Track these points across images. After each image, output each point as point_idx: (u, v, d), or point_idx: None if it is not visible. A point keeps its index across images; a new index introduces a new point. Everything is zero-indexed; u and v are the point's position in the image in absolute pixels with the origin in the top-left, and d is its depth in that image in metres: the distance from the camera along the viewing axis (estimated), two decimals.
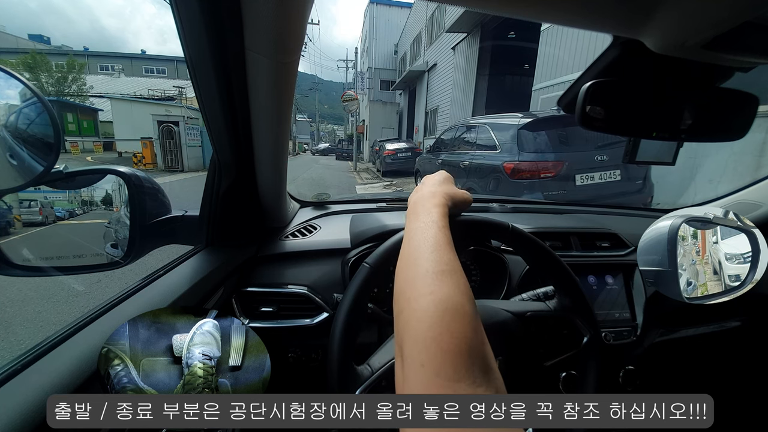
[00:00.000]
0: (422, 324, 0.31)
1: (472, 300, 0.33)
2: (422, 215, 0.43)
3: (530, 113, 3.57)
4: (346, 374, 0.46)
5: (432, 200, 0.46)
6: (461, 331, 0.30)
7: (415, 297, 0.33)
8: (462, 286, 0.34)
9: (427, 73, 14.59)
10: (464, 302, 0.32)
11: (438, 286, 0.33)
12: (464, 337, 0.29)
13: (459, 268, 0.36)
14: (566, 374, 0.61)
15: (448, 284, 0.33)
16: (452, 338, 0.29)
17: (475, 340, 0.30)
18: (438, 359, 0.28)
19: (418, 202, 0.47)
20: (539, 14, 0.32)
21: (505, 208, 1.10)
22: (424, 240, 0.39)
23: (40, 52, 20.56)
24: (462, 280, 0.35)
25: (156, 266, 0.64)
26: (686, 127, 0.38)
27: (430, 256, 0.37)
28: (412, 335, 0.31)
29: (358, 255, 0.76)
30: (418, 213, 0.44)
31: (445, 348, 0.28)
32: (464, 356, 0.28)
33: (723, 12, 0.26)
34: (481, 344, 0.30)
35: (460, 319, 0.31)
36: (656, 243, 0.77)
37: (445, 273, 0.35)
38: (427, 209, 0.44)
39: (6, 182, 0.48)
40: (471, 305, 0.33)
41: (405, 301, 0.34)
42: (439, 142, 5.05)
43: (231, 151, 0.61)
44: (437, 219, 0.42)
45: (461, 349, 0.28)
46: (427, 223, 0.41)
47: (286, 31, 0.42)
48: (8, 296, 2.38)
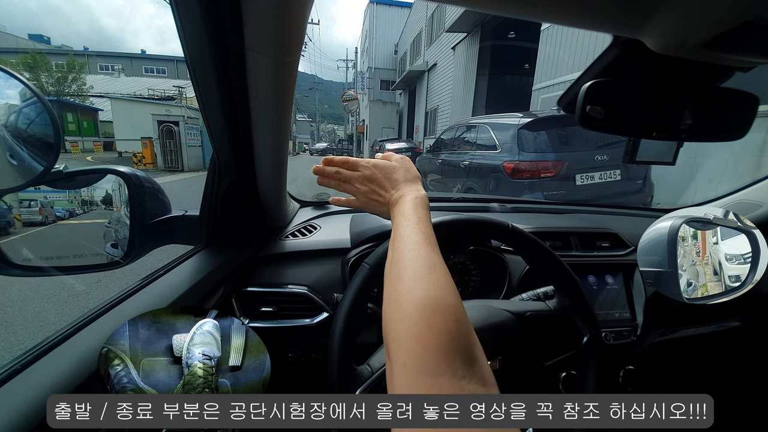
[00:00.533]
0: (403, 324, 0.31)
1: (453, 291, 0.34)
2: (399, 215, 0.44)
3: (530, 113, 3.56)
4: (346, 374, 0.46)
5: (409, 195, 0.47)
6: (443, 326, 0.30)
7: (395, 297, 0.34)
8: (442, 280, 0.34)
9: (427, 73, 14.59)
10: (444, 295, 0.32)
11: (417, 283, 0.34)
12: (446, 331, 0.29)
13: (438, 262, 0.36)
14: (566, 374, 0.61)
15: (428, 280, 0.34)
16: (433, 334, 0.29)
17: (458, 331, 0.30)
18: (419, 358, 0.28)
19: (397, 200, 0.47)
20: (539, 14, 0.32)
21: (505, 208, 1.11)
22: (402, 239, 0.39)
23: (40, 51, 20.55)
24: (442, 274, 0.35)
25: (156, 266, 0.64)
26: (686, 127, 0.38)
27: (409, 254, 0.37)
28: (394, 336, 0.31)
29: (358, 255, 0.76)
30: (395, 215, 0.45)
31: (426, 345, 0.29)
32: (445, 351, 0.28)
33: (723, 12, 0.26)
34: (465, 334, 0.30)
35: (441, 313, 0.31)
36: (656, 243, 0.77)
37: (422, 269, 0.35)
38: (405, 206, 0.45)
39: (6, 182, 0.48)
40: (452, 297, 0.33)
41: (387, 302, 0.35)
42: (439, 142, 5.05)
43: (231, 151, 0.61)
44: (412, 215, 0.43)
45: (442, 344, 0.29)
46: (403, 222, 0.42)
47: (286, 31, 0.42)
48: (8, 296, 2.37)
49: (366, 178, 0.52)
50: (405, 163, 0.54)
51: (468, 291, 0.82)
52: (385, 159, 0.54)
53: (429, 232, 0.41)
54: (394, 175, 0.51)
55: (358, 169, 0.53)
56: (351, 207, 0.56)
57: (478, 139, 3.78)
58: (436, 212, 0.52)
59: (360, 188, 0.53)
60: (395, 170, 0.52)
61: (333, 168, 0.54)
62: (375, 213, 0.53)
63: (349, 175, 0.53)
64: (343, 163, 0.54)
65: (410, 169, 0.53)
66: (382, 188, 0.51)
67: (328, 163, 0.55)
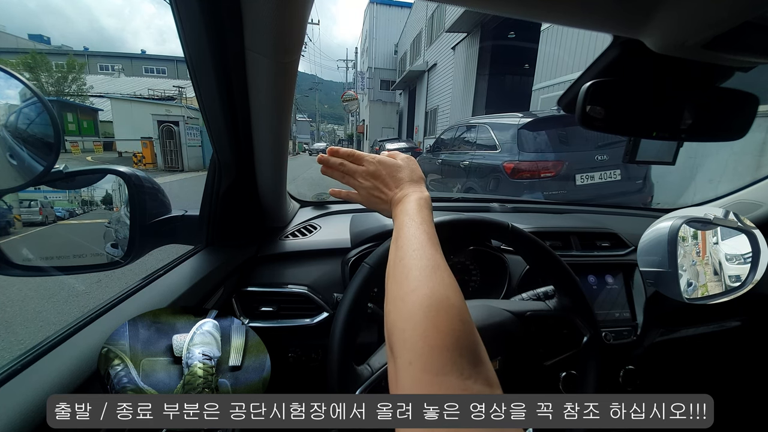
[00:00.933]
0: (408, 323, 0.31)
1: (457, 292, 0.34)
2: (402, 215, 0.44)
3: (530, 113, 3.56)
4: (346, 374, 0.46)
5: (413, 195, 0.46)
6: (448, 325, 0.30)
7: (400, 296, 0.34)
8: (446, 279, 0.34)
9: (427, 73, 14.59)
10: (450, 295, 0.32)
11: (422, 282, 0.33)
12: (451, 330, 0.29)
13: (442, 263, 0.36)
14: (566, 374, 0.61)
15: (433, 279, 0.34)
16: (438, 333, 0.29)
17: (463, 332, 0.30)
18: (425, 355, 0.28)
19: (401, 200, 0.47)
20: (539, 14, 0.32)
21: (505, 208, 1.11)
22: (406, 239, 0.39)
23: (40, 52, 20.55)
24: (446, 274, 0.35)
25: (156, 266, 0.64)
26: (686, 127, 0.38)
27: (413, 254, 0.37)
28: (399, 336, 0.31)
29: (358, 255, 0.76)
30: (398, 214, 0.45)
31: (432, 344, 0.29)
32: (451, 350, 0.28)
33: (723, 12, 0.26)
34: (470, 335, 0.30)
35: (446, 312, 0.31)
36: (656, 244, 0.77)
37: (427, 268, 0.35)
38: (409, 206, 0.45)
39: (6, 182, 0.48)
40: (457, 297, 0.33)
41: (391, 301, 0.35)
42: (439, 142, 5.05)
43: (231, 151, 0.61)
44: (416, 215, 0.43)
45: (447, 343, 0.28)
46: (407, 222, 0.42)
47: (286, 31, 0.42)
48: (8, 296, 2.37)
49: (370, 173, 0.52)
50: (410, 163, 0.53)
51: (468, 291, 0.82)
52: (390, 157, 0.54)
53: (432, 233, 0.41)
54: (398, 173, 0.51)
55: (363, 164, 0.53)
56: (351, 201, 0.56)
57: (478, 139, 3.78)
58: (436, 212, 0.51)
59: (363, 183, 0.52)
60: (400, 169, 0.51)
61: (338, 159, 0.54)
62: (375, 210, 0.53)
63: (353, 168, 0.53)
64: (348, 156, 0.54)
65: (415, 170, 0.52)
66: (385, 186, 0.50)
67: (334, 154, 0.54)
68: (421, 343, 0.29)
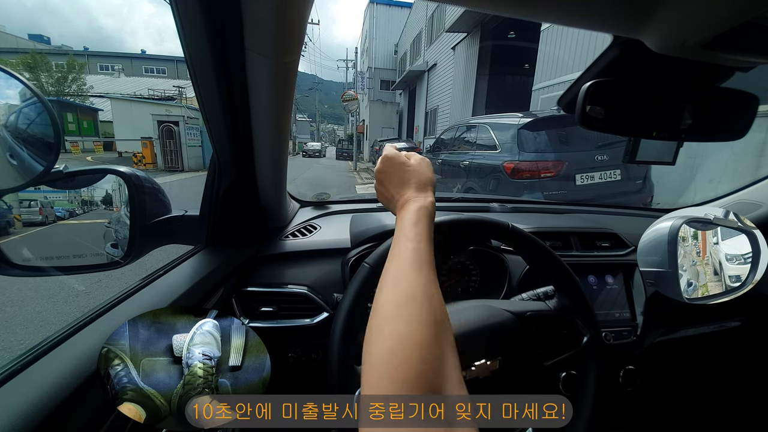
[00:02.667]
0: (373, 358, 0.31)
1: (424, 324, 0.32)
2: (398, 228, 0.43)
3: (530, 113, 3.56)
4: (346, 374, 0.46)
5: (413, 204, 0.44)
6: (404, 372, 0.29)
7: (369, 327, 0.33)
8: (414, 313, 0.32)
9: (427, 73, 14.59)
10: (413, 330, 0.31)
11: (389, 320, 0.33)
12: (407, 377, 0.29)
13: (418, 291, 0.34)
14: (566, 374, 0.61)
15: (400, 317, 0.32)
16: (392, 383, 0.29)
17: (421, 371, 0.29)
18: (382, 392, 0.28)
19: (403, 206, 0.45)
20: (539, 14, 0.32)
21: (505, 208, 1.11)
22: (391, 264, 0.38)
23: (40, 52, 20.53)
24: (415, 305, 0.33)
25: (156, 266, 0.64)
26: (686, 127, 0.38)
27: (390, 285, 0.36)
28: (365, 368, 0.31)
29: (358, 255, 0.76)
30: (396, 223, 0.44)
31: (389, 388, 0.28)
32: (406, 396, 0.28)
33: (723, 12, 0.26)
34: (429, 374, 0.29)
35: (408, 353, 0.30)
36: (656, 244, 0.77)
37: (397, 304, 0.33)
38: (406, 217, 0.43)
39: (6, 182, 0.48)
40: (421, 332, 0.31)
41: (367, 329, 0.34)
42: (439, 142, 5.04)
43: (231, 151, 0.61)
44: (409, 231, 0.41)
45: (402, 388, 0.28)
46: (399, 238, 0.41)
47: (286, 31, 0.42)
48: (8, 296, 2.38)
49: (378, 171, 0.50)
50: (421, 165, 0.50)
51: (468, 291, 0.82)
52: (407, 156, 0.52)
53: (424, 249, 0.39)
54: (404, 175, 0.49)
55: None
56: None
57: (478, 139, 3.78)
58: (436, 212, 0.51)
59: (376, 180, 0.51)
60: (406, 171, 0.49)
61: None
62: (387, 209, 0.51)
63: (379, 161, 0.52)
64: None
65: (423, 173, 0.49)
66: (391, 186, 0.49)
67: None
68: (385, 382, 0.29)
